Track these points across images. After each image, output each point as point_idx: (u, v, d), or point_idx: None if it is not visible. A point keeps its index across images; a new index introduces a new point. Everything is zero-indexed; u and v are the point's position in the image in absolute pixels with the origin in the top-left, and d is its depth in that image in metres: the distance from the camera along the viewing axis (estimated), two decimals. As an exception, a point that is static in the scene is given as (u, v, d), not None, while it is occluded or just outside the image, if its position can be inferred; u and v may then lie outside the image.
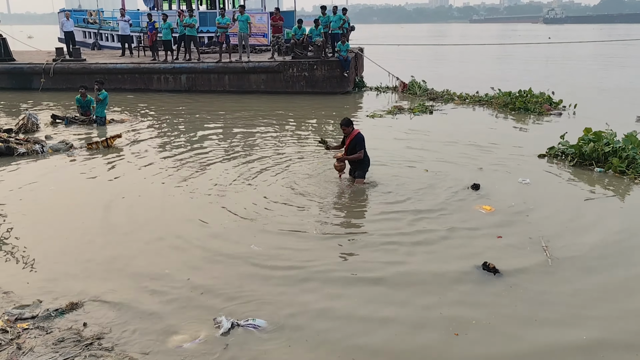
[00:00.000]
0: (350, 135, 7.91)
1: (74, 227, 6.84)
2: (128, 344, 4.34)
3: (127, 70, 19.66)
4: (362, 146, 7.99)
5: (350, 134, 7.91)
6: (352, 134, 7.91)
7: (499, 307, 4.95)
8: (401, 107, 15.67)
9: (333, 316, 4.81)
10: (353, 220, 7.11)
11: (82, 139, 11.85)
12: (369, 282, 5.43)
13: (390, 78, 19.83)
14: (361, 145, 7.98)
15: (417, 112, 14.91)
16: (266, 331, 4.55)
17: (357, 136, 7.93)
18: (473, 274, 5.56)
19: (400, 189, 8.15)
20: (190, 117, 14.75)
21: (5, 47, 21.08)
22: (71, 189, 8.47)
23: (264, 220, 6.94)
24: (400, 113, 15.02)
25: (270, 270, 5.66)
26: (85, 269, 5.66)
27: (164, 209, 7.47)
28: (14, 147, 10.34)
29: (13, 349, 4.14)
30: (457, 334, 4.51)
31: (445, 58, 37.30)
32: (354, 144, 7.90)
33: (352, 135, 7.90)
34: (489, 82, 18.09)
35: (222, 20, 18.74)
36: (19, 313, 4.72)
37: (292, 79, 18.60)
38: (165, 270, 5.64)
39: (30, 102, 17.47)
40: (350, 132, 7.93)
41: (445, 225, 6.84)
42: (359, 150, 7.94)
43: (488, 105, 15.83)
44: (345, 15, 19.12)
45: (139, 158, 10.31)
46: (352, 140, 7.88)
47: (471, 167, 9.35)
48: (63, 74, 19.70)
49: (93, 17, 29.91)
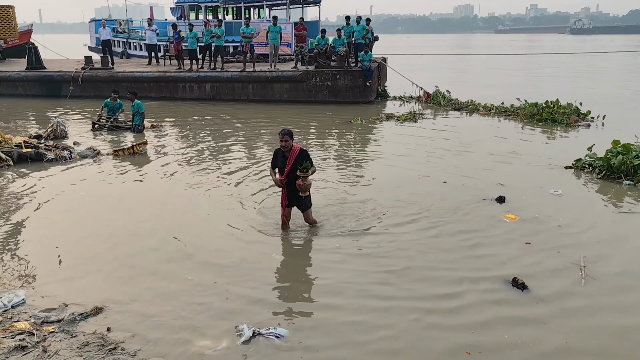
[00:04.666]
0: (293, 150, 6.41)
1: (99, 232, 6.94)
2: (151, 350, 4.37)
3: (153, 78, 19.99)
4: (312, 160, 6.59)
5: (293, 149, 6.42)
6: (296, 149, 6.44)
7: (526, 327, 4.83)
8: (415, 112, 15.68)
9: (355, 327, 4.76)
10: (375, 229, 7.04)
11: (109, 145, 12.07)
12: (391, 291, 5.37)
13: (413, 88, 19.77)
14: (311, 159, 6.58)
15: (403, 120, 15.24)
16: (288, 340, 4.53)
17: (304, 151, 6.52)
18: (501, 289, 5.45)
19: (428, 199, 8.10)
20: (214, 126, 14.90)
21: (36, 55, 21.65)
22: (97, 195, 8.60)
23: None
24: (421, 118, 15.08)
25: (294, 281, 5.66)
26: (110, 274, 5.73)
27: (188, 216, 7.53)
28: (43, 153, 10.58)
29: (39, 352, 4.20)
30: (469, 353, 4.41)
31: (470, 68, 37.05)
32: (303, 159, 6.38)
33: (296, 150, 6.42)
34: (515, 93, 17.89)
35: (247, 30, 18.94)
36: (45, 316, 4.79)
37: (315, 88, 18.67)
38: (187, 277, 5.68)
39: (60, 109, 17.87)
40: (292, 146, 6.43)
41: (470, 235, 6.78)
42: (312, 164, 6.53)
43: (514, 116, 15.64)
44: (368, 26, 19.15)
45: (163, 165, 10.45)
46: (299, 156, 6.39)
47: (495, 178, 9.23)
48: (91, 82, 20.13)
49: (122, 26, 30.60)
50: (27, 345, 4.27)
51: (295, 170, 6.38)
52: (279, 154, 6.51)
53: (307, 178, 6.46)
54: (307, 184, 6.50)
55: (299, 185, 6.45)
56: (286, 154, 6.40)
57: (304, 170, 6.34)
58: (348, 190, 8.68)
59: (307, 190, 6.63)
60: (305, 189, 6.56)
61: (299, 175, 6.38)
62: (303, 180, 6.42)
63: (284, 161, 6.44)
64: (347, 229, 6.94)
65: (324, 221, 7.20)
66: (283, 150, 6.40)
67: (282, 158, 6.45)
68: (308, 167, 6.37)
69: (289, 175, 6.44)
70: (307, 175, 6.41)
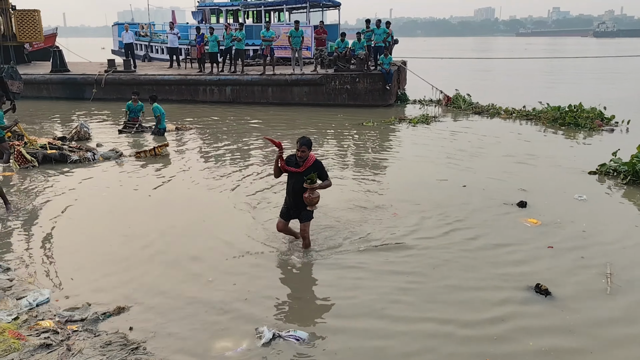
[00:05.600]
0: (309, 159, 6.05)
1: (121, 233, 7.03)
2: (172, 349, 4.40)
3: (174, 81, 20.22)
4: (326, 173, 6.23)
5: (309, 158, 6.05)
6: (311, 158, 6.07)
7: (551, 335, 4.75)
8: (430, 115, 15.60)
9: (376, 331, 4.74)
10: (395, 236, 7.00)
11: (131, 147, 12.23)
12: (413, 296, 5.34)
13: (433, 91, 19.66)
14: (326, 172, 6.22)
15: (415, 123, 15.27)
16: (307, 343, 4.53)
17: (319, 162, 6.15)
18: (523, 295, 5.38)
19: (447, 204, 8.04)
20: (234, 129, 14.99)
21: (61, 58, 22.07)
22: (119, 196, 8.72)
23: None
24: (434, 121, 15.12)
25: (315, 285, 5.65)
26: (131, 275, 5.79)
27: (209, 218, 7.58)
28: (67, 154, 10.77)
29: (63, 350, 4.26)
30: None
31: (491, 72, 36.72)
32: (316, 170, 6.05)
33: (311, 160, 6.06)
34: (537, 97, 17.68)
35: (267, 34, 19.05)
36: (69, 315, 4.87)
37: (334, 91, 18.69)
38: (209, 277, 5.72)
39: (83, 111, 18.17)
40: (308, 156, 6.06)
41: (490, 239, 6.72)
42: (325, 177, 6.16)
43: (536, 120, 15.45)
44: (388, 29, 19.11)
45: (184, 167, 10.55)
46: (313, 166, 6.04)
47: (517, 182, 9.12)
48: (114, 85, 20.44)
49: (145, 30, 31.03)
50: (51, 343, 4.34)
51: (303, 181, 5.98)
52: (291, 160, 6.16)
53: (314, 190, 6.02)
54: (314, 197, 6.02)
55: (306, 198, 6.00)
56: (300, 162, 6.07)
57: (308, 181, 5.89)
58: (366, 194, 8.64)
59: (315, 205, 6.13)
60: (313, 203, 6.07)
61: (306, 188, 5.97)
62: (310, 193, 5.98)
63: (295, 167, 6.12)
64: (368, 234, 6.89)
65: (344, 226, 7.15)
66: (298, 160, 6.08)
67: (295, 166, 6.12)
68: (314, 178, 5.91)
69: (295, 186, 6.13)
70: (314, 187, 5.97)
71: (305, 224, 6.30)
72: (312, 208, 6.15)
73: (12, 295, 5.28)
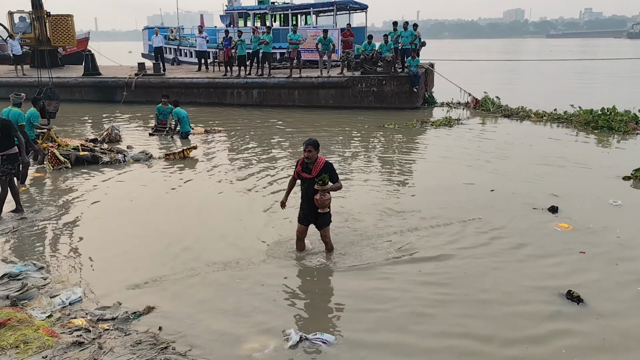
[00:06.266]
0: (318, 162, 5.95)
1: (151, 234, 7.14)
2: (200, 349, 4.45)
3: (202, 84, 20.47)
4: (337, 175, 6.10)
5: (318, 161, 5.96)
6: (320, 161, 5.97)
7: (584, 343, 4.63)
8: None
9: (404, 336, 4.70)
10: (424, 243, 6.92)
11: (160, 150, 12.42)
12: (442, 302, 5.28)
13: (461, 94, 19.45)
14: (336, 174, 6.10)
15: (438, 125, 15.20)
16: (334, 346, 4.52)
17: (329, 164, 6.02)
18: (555, 302, 5.27)
19: (475, 208, 7.93)
20: (261, 131, 15.09)
21: (92, 62, 22.57)
22: (149, 197, 8.86)
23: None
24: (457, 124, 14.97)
25: (343, 290, 5.60)
26: (161, 275, 5.87)
27: (238, 221, 7.62)
28: (99, 156, 11.02)
29: (95, 348, 4.34)
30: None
31: (520, 74, 36.16)
32: (326, 172, 5.90)
33: (321, 162, 5.95)
34: (568, 100, 17.33)
35: (294, 37, 19.13)
36: (100, 314, 4.96)
37: (361, 94, 18.65)
38: (236, 280, 5.76)
39: (114, 114, 18.55)
40: (317, 158, 5.98)
41: (520, 244, 6.62)
42: (336, 180, 6.04)
43: (567, 123, 15.13)
44: (416, 31, 18.98)
45: (212, 169, 10.67)
46: (324, 169, 5.91)
47: (547, 186, 8.95)
48: (144, 88, 20.80)
49: (174, 34, 31.50)
50: (83, 341, 4.43)
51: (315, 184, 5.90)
52: (302, 165, 6.06)
53: (325, 193, 5.90)
54: (325, 199, 5.90)
55: (317, 200, 5.89)
56: (310, 165, 5.96)
57: (320, 182, 5.80)
58: (391, 198, 8.60)
59: (327, 207, 6.02)
60: (324, 205, 5.94)
61: (317, 189, 5.86)
62: (321, 195, 5.86)
63: (307, 172, 6.01)
64: (395, 241, 6.83)
65: (371, 232, 7.08)
66: (307, 162, 5.98)
67: (307, 171, 6.02)
68: (325, 179, 5.80)
69: (307, 191, 6.04)
70: (325, 188, 5.85)
71: (324, 230, 6.22)
72: (324, 210, 6.03)
73: (46, 293, 5.41)
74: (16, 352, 4.22)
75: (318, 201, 5.90)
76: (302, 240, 6.41)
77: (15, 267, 5.85)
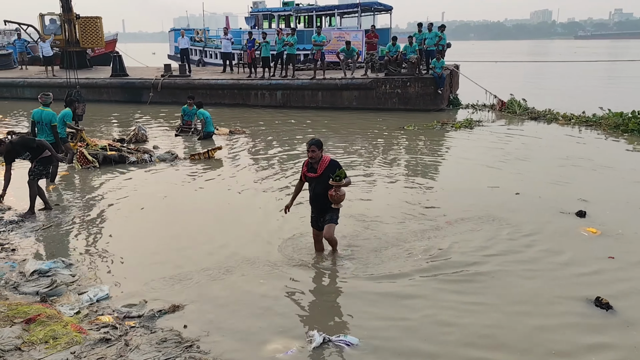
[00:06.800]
0: (323, 160, 5.92)
1: (177, 234, 7.22)
2: (224, 349, 4.48)
3: (227, 86, 20.64)
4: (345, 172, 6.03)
5: (322, 159, 5.93)
6: (325, 159, 5.94)
7: (615, 352, 4.53)
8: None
9: (429, 340, 4.67)
10: (452, 247, 6.83)
11: (185, 150, 12.57)
12: (466, 305, 5.23)
13: (487, 96, 19.21)
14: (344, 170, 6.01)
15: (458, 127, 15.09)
16: (358, 349, 4.50)
17: (334, 162, 5.97)
18: (583, 308, 5.17)
19: (501, 211, 7.83)
20: (284, 133, 15.14)
21: (120, 63, 22.96)
22: (175, 197, 8.96)
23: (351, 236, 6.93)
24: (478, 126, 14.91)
25: (367, 292, 5.57)
26: (186, 274, 5.93)
27: (262, 222, 7.65)
28: (126, 155, 11.21)
29: (121, 345, 4.41)
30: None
31: (547, 75, 35.58)
32: (332, 170, 5.85)
33: (326, 161, 5.92)
34: (597, 102, 16.97)
35: (318, 38, 19.16)
36: (127, 311, 5.04)
37: (385, 95, 18.58)
38: (260, 280, 5.79)
39: (140, 114, 18.83)
40: (321, 156, 5.94)
41: (546, 248, 6.51)
42: (345, 176, 5.92)
43: (596, 126, 14.82)
44: (443, 33, 18.78)
45: (237, 170, 10.76)
46: (329, 167, 5.87)
47: (575, 189, 8.78)
48: (169, 89, 21.07)
49: (199, 35, 31.86)
50: (110, 338, 4.50)
51: (323, 183, 5.88)
52: (308, 166, 6.04)
53: (340, 188, 5.85)
54: (340, 194, 5.86)
55: (331, 196, 5.83)
56: (315, 165, 5.94)
57: (336, 178, 5.76)
58: (414, 201, 8.51)
59: (340, 203, 5.97)
60: (339, 200, 5.91)
61: (332, 185, 5.80)
62: (336, 191, 5.83)
63: (313, 172, 5.97)
64: (417, 245, 6.79)
65: (394, 236, 7.02)
66: (311, 162, 5.96)
67: (311, 170, 6.00)
68: (342, 175, 5.78)
69: (315, 189, 6.03)
70: (340, 184, 5.80)
71: (329, 226, 6.09)
72: (338, 206, 5.98)
73: (74, 290, 5.52)
74: (45, 347, 4.32)
75: (334, 196, 5.85)
76: (320, 242, 6.39)
77: (44, 264, 5.98)
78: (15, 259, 6.29)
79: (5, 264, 6.11)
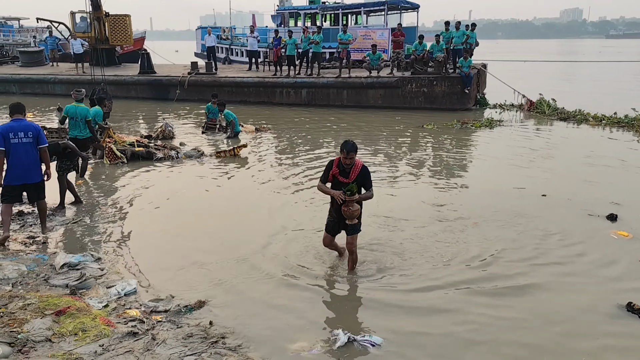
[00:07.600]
0: (356, 166, 5.52)
1: (204, 230, 7.27)
2: (249, 346, 4.49)
3: (252, 84, 20.74)
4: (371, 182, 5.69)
5: (355, 165, 5.51)
6: (358, 164, 5.53)
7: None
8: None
9: (455, 343, 4.61)
10: (476, 247, 6.75)
11: (211, 147, 12.67)
12: (494, 310, 5.15)
13: (515, 95, 18.90)
14: (371, 181, 5.68)
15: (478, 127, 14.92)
16: (382, 349, 4.47)
17: (366, 169, 5.58)
18: (614, 314, 5.05)
19: (529, 213, 7.69)
20: (310, 130, 15.15)
21: (148, 60, 23.27)
22: (202, 194, 9.03)
23: (375, 237, 6.88)
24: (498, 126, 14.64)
25: (392, 292, 5.55)
26: (212, 270, 5.98)
27: (288, 221, 7.62)
28: (153, 152, 11.35)
29: (148, 339, 4.46)
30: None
31: (578, 75, 34.84)
32: (363, 178, 5.53)
33: (359, 166, 5.53)
34: (629, 103, 16.55)
35: (344, 37, 19.11)
36: (154, 306, 5.10)
37: (410, 94, 18.44)
38: (286, 278, 5.79)
39: (168, 111, 19.06)
40: (354, 162, 5.52)
41: (576, 252, 6.39)
42: (369, 187, 5.62)
43: (628, 127, 14.45)
44: (472, 32, 18.52)
45: (262, 168, 10.80)
46: (361, 174, 5.51)
47: (605, 192, 8.57)
48: (196, 86, 21.27)
49: (226, 33, 32.10)
50: (137, 332, 4.56)
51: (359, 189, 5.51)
52: (339, 167, 5.57)
53: (353, 203, 5.49)
54: (354, 210, 5.48)
55: (345, 211, 5.49)
56: (347, 169, 5.53)
57: (348, 193, 5.40)
58: (438, 202, 8.38)
59: (355, 218, 5.60)
60: (352, 217, 5.54)
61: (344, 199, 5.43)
62: (348, 206, 5.46)
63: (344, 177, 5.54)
64: (443, 251, 6.69)
65: (426, 238, 6.91)
66: (344, 167, 5.53)
67: (343, 174, 5.55)
68: (353, 189, 5.40)
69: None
70: (352, 199, 5.44)
71: (352, 237, 5.74)
72: (351, 222, 5.62)
73: (102, 283, 5.61)
74: (75, 339, 4.39)
75: (346, 212, 5.50)
76: (331, 246, 6.13)
77: (74, 257, 6.09)
78: (46, 252, 6.42)
79: (37, 256, 6.25)
